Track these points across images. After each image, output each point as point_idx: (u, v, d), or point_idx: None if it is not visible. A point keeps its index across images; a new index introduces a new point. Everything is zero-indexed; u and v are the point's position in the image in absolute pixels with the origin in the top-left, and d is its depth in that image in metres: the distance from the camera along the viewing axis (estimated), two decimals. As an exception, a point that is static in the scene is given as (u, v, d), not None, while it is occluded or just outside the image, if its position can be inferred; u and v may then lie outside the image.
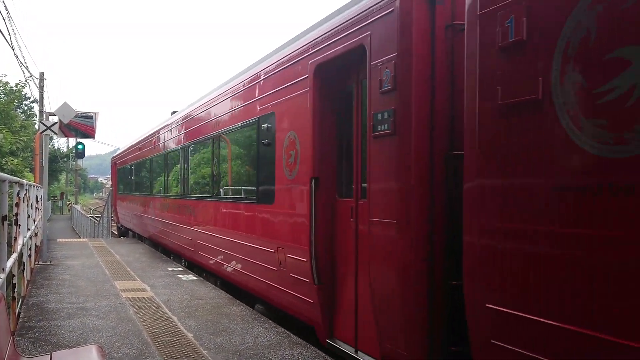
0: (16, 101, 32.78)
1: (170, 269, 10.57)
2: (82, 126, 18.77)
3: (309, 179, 5.57)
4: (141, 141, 16.45)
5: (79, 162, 57.85)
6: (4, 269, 4.76)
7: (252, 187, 7.43)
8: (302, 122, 5.82)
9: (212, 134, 9.29)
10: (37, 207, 10.58)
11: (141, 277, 9.50)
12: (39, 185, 12.83)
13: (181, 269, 10.59)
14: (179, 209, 11.53)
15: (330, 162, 5.60)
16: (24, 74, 49.43)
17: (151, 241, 15.42)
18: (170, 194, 12.68)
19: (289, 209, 6.16)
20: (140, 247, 15.01)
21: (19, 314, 6.60)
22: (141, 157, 16.23)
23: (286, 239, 6.20)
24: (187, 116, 11.21)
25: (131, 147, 18.22)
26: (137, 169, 17.33)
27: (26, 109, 39.16)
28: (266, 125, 6.84)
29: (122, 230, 21.17)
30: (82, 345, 5.29)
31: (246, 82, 7.67)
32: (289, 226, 6.15)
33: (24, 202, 6.74)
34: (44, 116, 17.19)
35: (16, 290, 6.25)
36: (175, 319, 6.55)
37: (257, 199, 7.10)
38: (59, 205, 57.33)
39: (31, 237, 8.92)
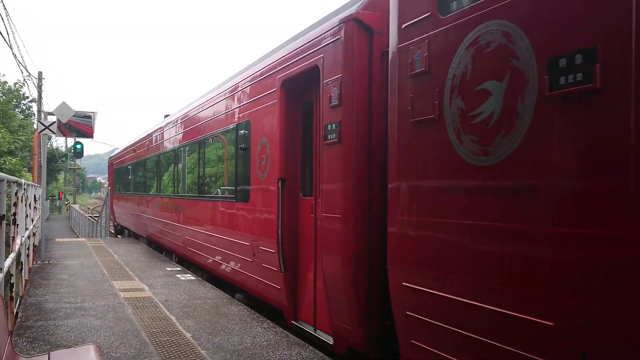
0: (14, 100, 32.75)
1: (168, 269, 10.56)
2: (80, 126, 18.73)
3: (277, 179, 6.27)
4: (135, 143, 17.09)
5: (78, 161, 57.82)
6: (1, 269, 4.76)
7: (231, 187, 8.12)
8: (272, 130, 6.53)
9: (198, 139, 10.03)
10: (35, 207, 10.57)
11: (139, 277, 9.49)
12: (37, 184, 12.81)
13: (179, 269, 10.59)
14: (170, 207, 12.21)
15: (295, 165, 6.29)
16: (23, 73, 49.37)
17: (145, 239, 15.86)
18: (161, 193, 13.35)
19: (261, 207, 6.84)
20: (138, 246, 15.00)
21: (17, 313, 6.59)
22: (135, 159, 16.88)
23: (259, 233, 6.90)
24: (175, 121, 11.97)
25: (126, 149, 19.00)
26: (132, 170, 17.91)
27: (24, 108, 39.12)
28: (243, 131, 7.56)
29: (119, 228, 21.37)
30: (80, 345, 5.29)
31: (227, 92, 8.44)
32: (261, 222, 6.84)
33: (22, 201, 6.73)
34: (43, 115, 17.17)
35: (14, 289, 6.23)
36: (173, 318, 6.54)
37: (235, 197, 7.84)
38: (57, 204, 57.27)
39: (29, 237, 8.91)
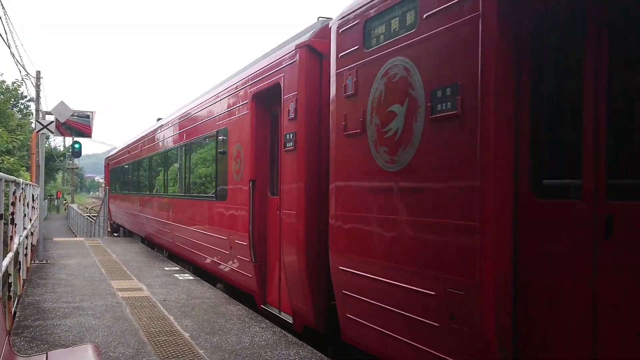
0: (12, 100, 32.71)
1: (167, 269, 10.56)
2: (79, 125, 18.77)
3: (249, 180, 7.11)
4: (129, 145, 17.92)
5: (76, 161, 57.78)
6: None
7: (212, 187, 9.01)
8: (245, 137, 7.38)
9: (184, 142, 10.96)
10: (33, 206, 10.58)
11: (138, 277, 9.49)
12: (35, 184, 12.81)
13: (178, 269, 10.60)
14: (159, 206, 13.09)
15: (264, 168, 7.12)
16: (21, 72, 49.30)
17: (139, 236, 16.67)
18: (152, 193, 14.26)
19: (236, 205, 7.67)
20: (136, 246, 15.01)
21: (15, 313, 6.60)
22: (129, 160, 17.74)
23: (234, 228, 7.72)
24: (165, 125, 12.89)
25: (121, 150, 19.87)
26: (126, 170, 18.70)
27: (22, 107, 39.09)
28: (222, 137, 8.44)
29: (114, 226, 21.88)
30: (78, 344, 5.29)
31: (209, 100, 9.30)
32: (236, 218, 7.66)
33: (20, 201, 6.74)
34: (41, 115, 17.15)
35: (12, 289, 6.23)
36: (171, 318, 6.55)
37: (215, 196, 8.71)
38: (55, 204, 57.22)
39: (27, 236, 8.91)
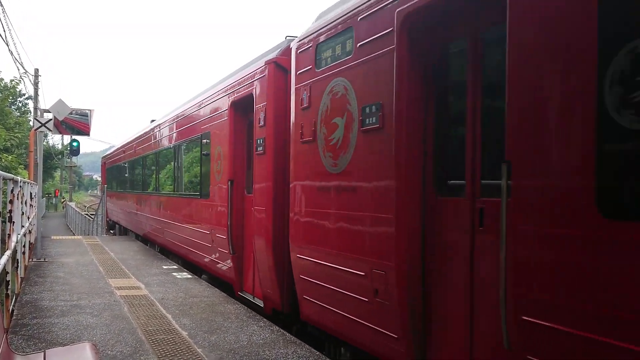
0: (10, 98, 32.66)
1: (165, 267, 10.58)
2: (77, 123, 18.78)
3: (227, 180, 7.91)
4: (124, 145, 18.84)
5: (74, 159, 57.70)
6: (-3, 266, 4.74)
7: (197, 186, 9.88)
8: (225, 140, 8.19)
9: (173, 144, 11.88)
10: (31, 204, 10.57)
11: (136, 275, 9.50)
12: (33, 182, 12.82)
13: (176, 267, 10.63)
14: (151, 204, 13.93)
15: (241, 169, 7.94)
16: (19, 70, 49.25)
17: (134, 233, 17.47)
18: (145, 191, 15.16)
19: (217, 202, 8.50)
20: (134, 245, 15.03)
21: (13, 311, 6.61)
22: (124, 159, 18.60)
23: (216, 223, 8.54)
24: (156, 127, 13.82)
25: (117, 150, 20.83)
26: (121, 170, 19.57)
27: (21, 105, 39.04)
28: (205, 140, 9.28)
29: (110, 223, 22.47)
30: (75, 343, 5.28)
31: (195, 106, 10.16)
32: (217, 214, 8.47)
33: (18, 199, 6.74)
34: (39, 113, 17.13)
35: (10, 287, 6.25)
36: (169, 317, 6.55)
37: (200, 195, 9.55)
38: (53, 202, 57.17)
39: (25, 235, 8.90)
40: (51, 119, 12.92)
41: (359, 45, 4.63)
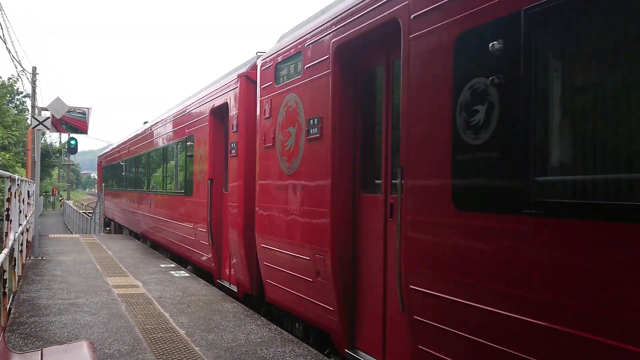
0: (8, 96, 32.61)
1: (162, 266, 10.61)
2: (74, 121, 18.74)
3: (208, 179, 8.90)
4: (119, 145, 19.98)
5: (72, 157, 57.66)
6: (-6, 265, 4.74)
7: (183, 184, 10.88)
8: (206, 143, 9.21)
9: (162, 145, 12.89)
10: (28, 203, 10.58)
11: (133, 274, 9.52)
12: (30, 180, 12.82)
13: (174, 266, 10.68)
14: (143, 201, 15.02)
15: (219, 169, 8.89)
16: (17, 68, 49.11)
17: (128, 229, 18.45)
18: (137, 189, 16.15)
19: (199, 199, 9.49)
20: (132, 243, 15.05)
21: (10, 309, 6.62)
22: (119, 159, 19.73)
23: (198, 218, 9.50)
24: (148, 129, 14.84)
25: (112, 150, 22.16)
26: (115, 169, 20.76)
27: (18, 103, 39.00)
28: (189, 143, 10.32)
29: (106, 221, 23.23)
30: (73, 341, 5.28)
31: (180, 112, 11.21)
32: (199, 210, 9.43)
33: (15, 197, 6.75)
34: (37, 111, 17.10)
35: (7, 285, 6.23)
36: (167, 315, 6.57)
37: (185, 192, 10.57)
38: (51, 200, 57.13)
39: (23, 233, 8.91)
40: (49, 117, 12.92)
41: (305, 67, 5.58)
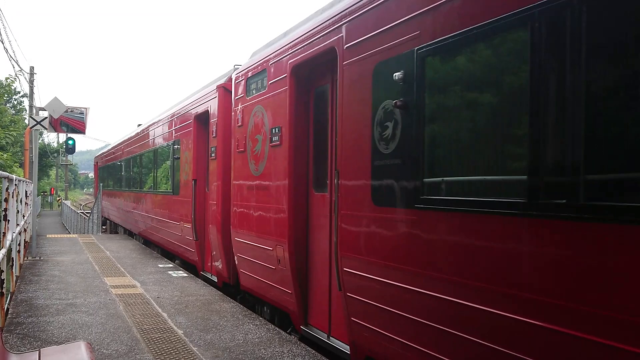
0: (6, 96, 32.54)
1: (160, 266, 10.64)
2: (72, 121, 18.67)
3: (192, 180, 9.84)
4: (114, 147, 21.20)
5: (69, 157, 57.60)
6: (-8, 265, 4.72)
7: (171, 184, 11.84)
8: (190, 147, 10.20)
9: (152, 148, 13.99)
10: (26, 203, 10.57)
11: (131, 274, 9.54)
12: (28, 180, 12.81)
13: (171, 266, 10.69)
14: (135, 200, 16.08)
15: (202, 171, 9.79)
16: (14, 68, 49.03)
17: (122, 227, 19.43)
18: (131, 189, 17.12)
19: (185, 198, 10.43)
20: (130, 243, 15.08)
21: (8, 310, 6.64)
22: (113, 160, 20.95)
23: (183, 215, 10.46)
24: (140, 132, 15.94)
25: (107, 152, 23.36)
26: (110, 170, 21.90)
27: (16, 103, 38.93)
28: (176, 146, 11.30)
29: (102, 219, 23.98)
30: (71, 341, 5.27)
31: (169, 117, 12.27)
32: (185, 208, 10.38)
33: (13, 197, 6.76)
34: (34, 111, 17.08)
35: (5, 286, 6.22)
36: (165, 315, 6.58)
37: (172, 192, 11.52)
38: (49, 200, 57.04)
39: (20, 233, 8.93)
40: (46, 117, 12.89)
41: (269, 83, 6.48)
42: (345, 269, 4.72)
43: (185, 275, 9.78)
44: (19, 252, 9.04)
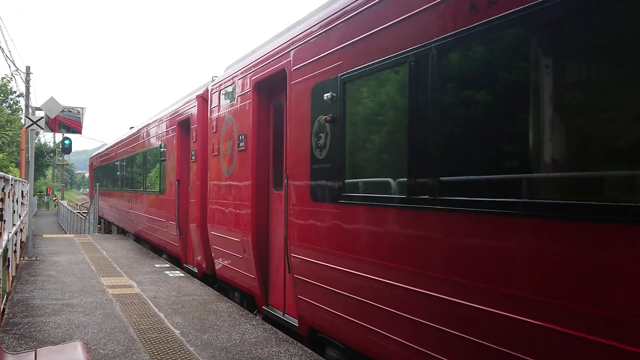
0: (2, 95, 32.46)
1: (157, 265, 10.67)
2: (69, 121, 18.67)
3: (176, 180, 10.83)
4: (108, 149, 22.25)
5: (66, 157, 57.52)
6: (-12, 265, 4.71)
7: (158, 184, 12.91)
8: (175, 150, 11.20)
9: (142, 150, 15.06)
10: (22, 203, 10.58)
11: (128, 274, 9.54)
12: (24, 180, 12.81)
13: (168, 266, 10.70)
14: (127, 199, 17.14)
15: (186, 172, 10.77)
16: (10, 67, 48.88)
17: (116, 226, 20.33)
18: (123, 188, 18.24)
19: (170, 197, 11.45)
20: (127, 243, 15.10)
21: (4, 310, 6.64)
22: (107, 161, 21.98)
23: (169, 213, 11.46)
24: (132, 135, 16.96)
25: (102, 153, 24.46)
26: (105, 170, 22.90)
27: (12, 103, 38.85)
28: (163, 149, 12.37)
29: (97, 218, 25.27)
30: (67, 341, 5.27)
31: (157, 122, 13.40)
32: (170, 206, 11.39)
33: (9, 197, 6.73)
34: (30, 110, 17.05)
35: (1, 286, 6.20)
36: (161, 315, 6.58)
37: (160, 191, 12.59)
38: (45, 200, 56.95)
39: (16, 233, 8.91)
40: (43, 117, 12.87)
41: (237, 95, 7.43)
42: (292, 255, 5.75)
43: (181, 275, 9.89)
44: (15, 252, 9.05)
